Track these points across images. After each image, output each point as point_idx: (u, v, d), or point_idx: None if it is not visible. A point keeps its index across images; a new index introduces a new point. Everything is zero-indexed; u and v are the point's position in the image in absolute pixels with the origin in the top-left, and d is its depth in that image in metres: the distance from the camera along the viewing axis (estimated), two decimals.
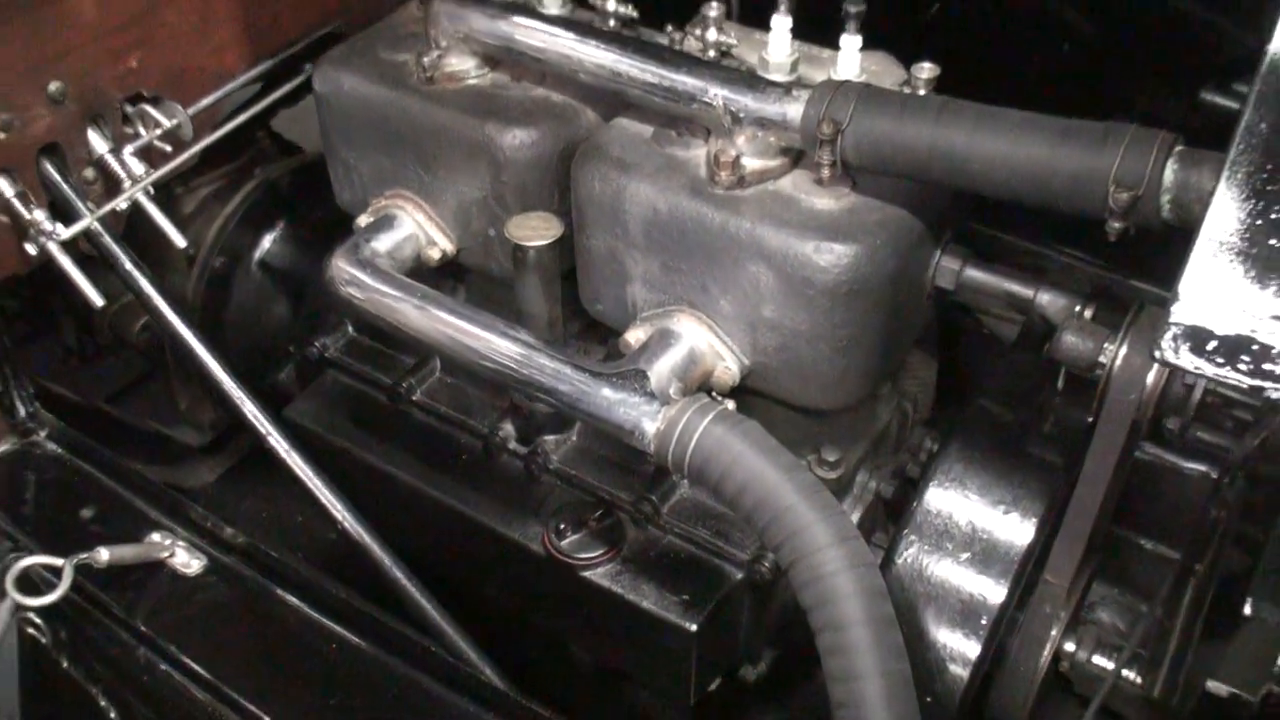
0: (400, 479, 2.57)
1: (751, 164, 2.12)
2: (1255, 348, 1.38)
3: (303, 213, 2.99)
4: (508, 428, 2.54)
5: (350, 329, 2.81)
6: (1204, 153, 1.77)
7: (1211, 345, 1.41)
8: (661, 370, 2.12)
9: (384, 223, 2.47)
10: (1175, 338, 1.42)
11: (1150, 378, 1.96)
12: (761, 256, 2.05)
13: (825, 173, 2.04)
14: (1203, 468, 2.71)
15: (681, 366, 2.14)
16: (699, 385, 2.17)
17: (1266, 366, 1.37)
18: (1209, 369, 1.40)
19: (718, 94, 2.11)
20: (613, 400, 2.07)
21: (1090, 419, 2.04)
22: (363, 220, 2.50)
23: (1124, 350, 1.99)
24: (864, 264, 2.01)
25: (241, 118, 2.69)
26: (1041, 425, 2.26)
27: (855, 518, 2.39)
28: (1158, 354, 1.43)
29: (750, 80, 2.11)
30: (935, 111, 1.95)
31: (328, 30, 2.82)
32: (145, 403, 3.35)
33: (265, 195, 2.95)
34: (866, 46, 2.17)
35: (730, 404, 2.09)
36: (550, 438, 2.50)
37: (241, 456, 3.36)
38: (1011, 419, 2.26)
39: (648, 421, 2.04)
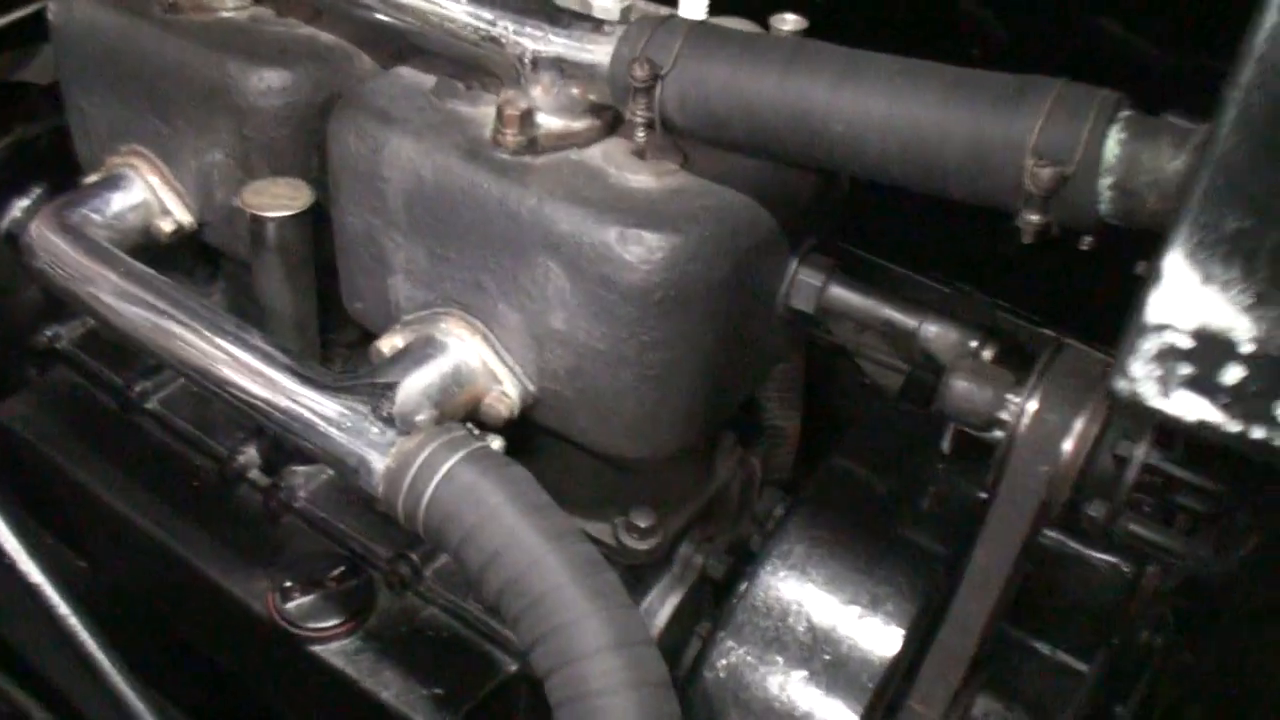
0: (113, 507, 1.84)
1: (548, 123, 1.43)
2: None
3: (67, 177, 2.26)
4: (251, 452, 1.83)
5: None
6: (1163, 120, 1.11)
7: (1233, 375, 0.72)
8: (411, 389, 1.42)
9: (110, 182, 1.77)
10: (1162, 357, 0.74)
11: (1068, 445, 1.27)
12: (550, 245, 1.36)
13: (641, 135, 1.35)
14: (1112, 559, 2.03)
15: (440, 386, 1.45)
16: (464, 414, 1.47)
17: None
18: (1235, 423, 0.71)
19: (507, 26, 1.42)
20: (331, 420, 1.37)
21: (984, 495, 1.34)
22: (89, 178, 1.79)
23: (1034, 404, 1.31)
24: (685, 262, 1.33)
25: None
26: (919, 499, 1.56)
27: (672, 604, 1.68)
28: (1122, 384, 0.74)
29: (552, 14, 1.43)
30: (787, 55, 1.27)
31: None
32: None
33: (15, 154, 2.23)
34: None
35: (497, 442, 1.39)
36: (301, 469, 1.80)
37: None
38: (879, 488, 1.56)
39: (376, 455, 1.35)
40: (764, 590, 1.44)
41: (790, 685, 1.41)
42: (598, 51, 1.37)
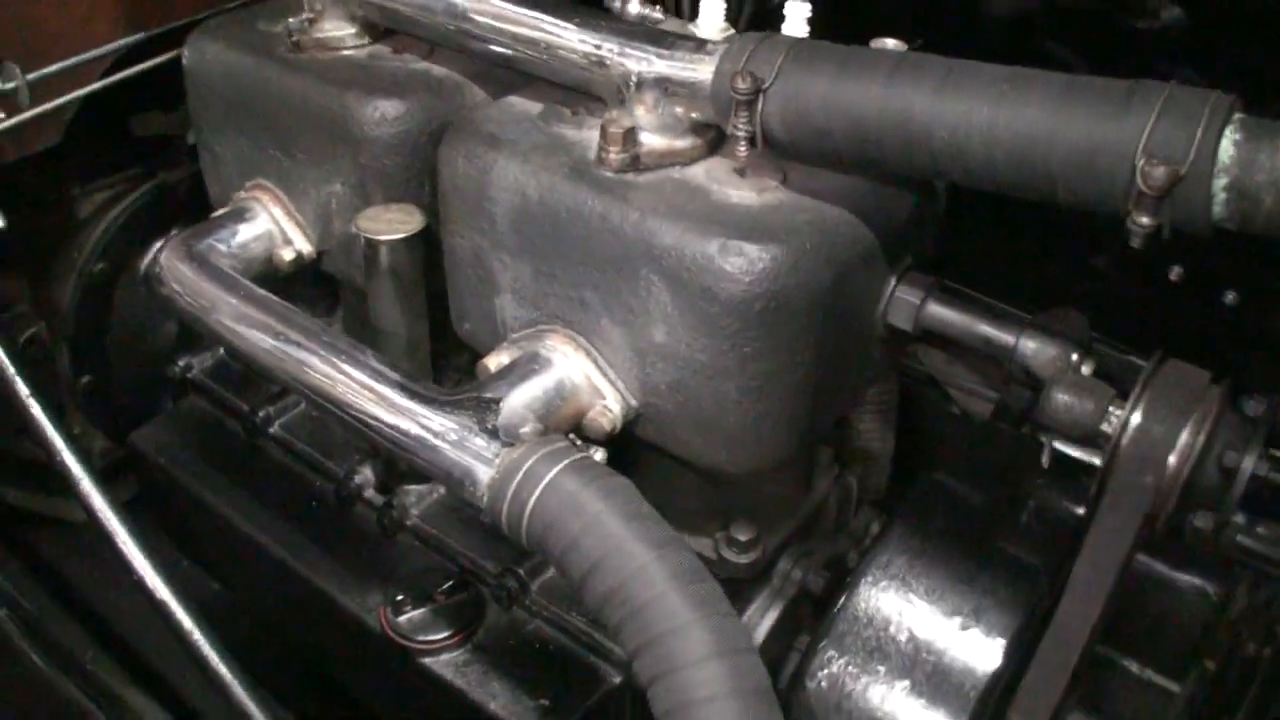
0: (239, 527, 1.80)
1: (652, 141, 1.38)
2: None
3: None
4: (366, 473, 1.78)
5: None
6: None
7: None
8: (516, 403, 1.37)
9: (236, 215, 1.76)
10: None
11: (1174, 456, 1.18)
12: (652, 258, 1.31)
13: (743, 151, 1.30)
14: (1198, 582, 1.91)
15: (544, 401, 1.39)
16: (568, 428, 1.41)
17: None
18: None
19: (612, 48, 1.37)
20: (438, 432, 1.32)
21: (1085, 509, 1.25)
22: (218, 212, 1.77)
23: (1138, 417, 1.22)
24: (786, 273, 1.26)
25: (86, 89, 1.93)
26: (1018, 514, 1.47)
27: (771, 619, 1.59)
28: None
29: (655, 35, 1.39)
30: (890, 66, 1.22)
31: (224, 9, 2.08)
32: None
33: (157, 198, 2.23)
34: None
35: (599, 454, 1.33)
36: (414, 488, 1.75)
37: (134, 493, 2.60)
38: (978, 502, 1.47)
39: (482, 466, 1.29)
40: (865, 600, 1.36)
41: (892, 695, 1.32)
42: (701, 70, 1.32)
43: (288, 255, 1.71)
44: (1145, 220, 1.06)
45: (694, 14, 1.56)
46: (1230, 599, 1.87)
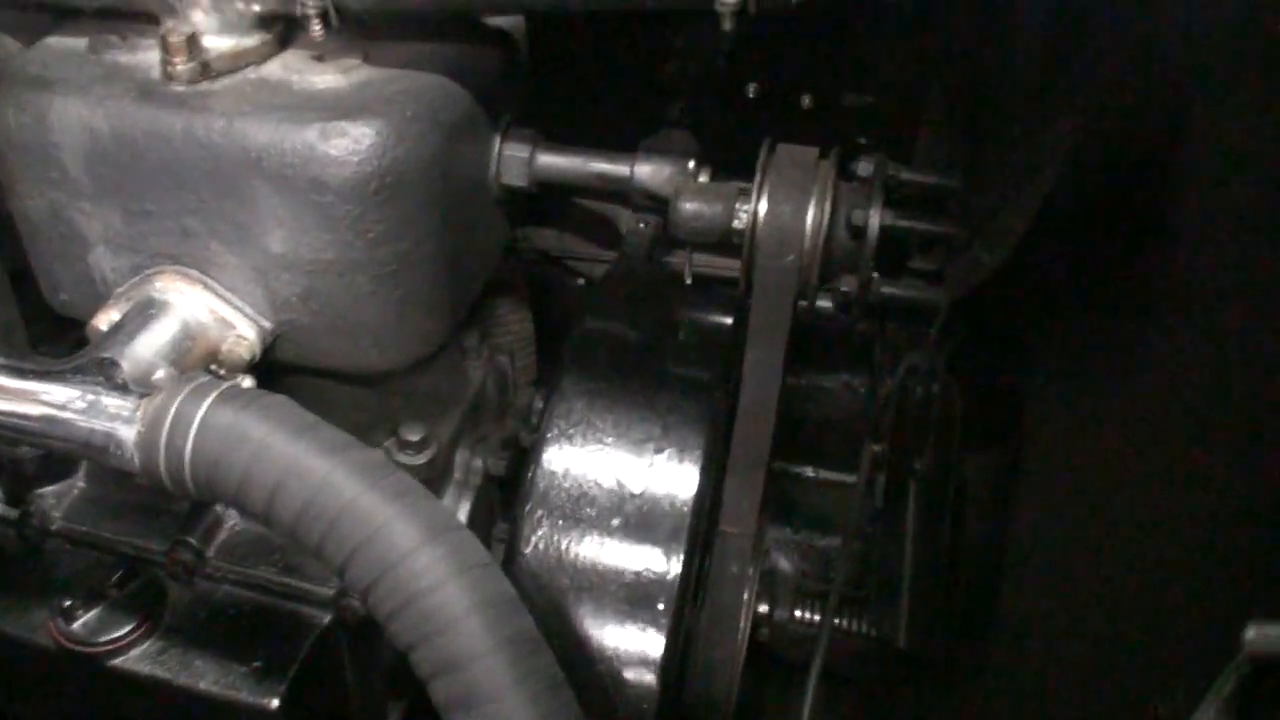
0: None
1: (218, 44, 1.29)
2: None
3: None
4: None
5: None
6: None
7: None
8: (140, 354, 1.25)
9: None
10: None
11: (807, 227, 1.22)
12: (249, 163, 1.22)
13: (317, 31, 1.23)
14: (844, 378, 2.02)
15: (172, 344, 1.29)
16: (204, 367, 1.30)
17: None
18: None
19: None
20: (66, 405, 1.18)
21: (737, 308, 1.28)
22: None
23: (764, 204, 1.25)
24: (393, 146, 1.21)
25: None
26: (674, 336, 1.48)
27: (465, 511, 1.56)
28: None
29: None
30: None
31: None
32: None
33: None
34: None
35: (247, 381, 1.24)
36: (48, 489, 1.58)
37: None
38: (634, 336, 1.47)
39: (122, 425, 1.17)
40: (557, 452, 1.34)
41: (609, 537, 1.31)
42: None
43: None
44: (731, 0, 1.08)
45: None
46: (875, 385, 1.99)
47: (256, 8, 1.27)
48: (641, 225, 1.66)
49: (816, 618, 1.55)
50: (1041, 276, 1.30)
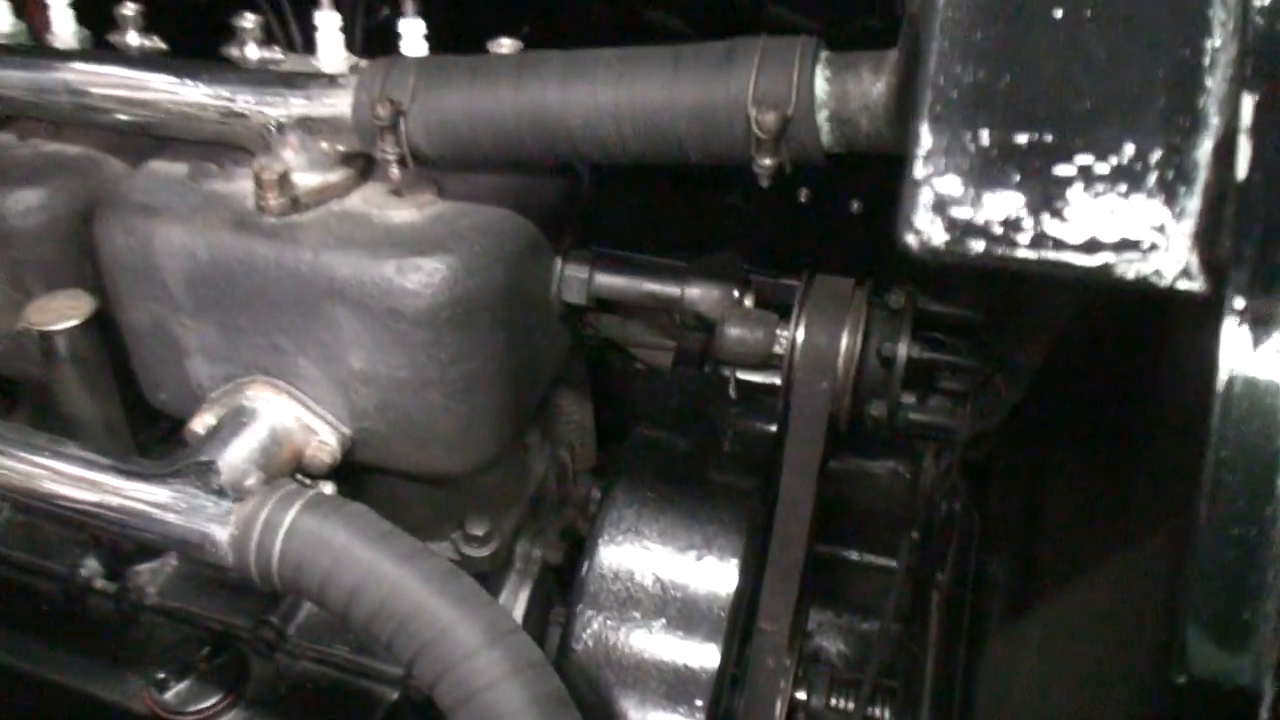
0: None
1: (306, 180, 1.41)
2: (1074, 201, 0.72)
3: None
4: (92, 564, 1.75)
5: None
6: (855, 55, 1.15)
7: (997, 209, 0.74)
8: (234, 459, 1.38)
9: None
10: (938, 206, 0.75)
11: (840, 360, 1.32)
12: (333, 291, 1.35)
13: (395, 173, 1.35)
14: (891, 465, 2.11)
15: (261, 450, 1.41)
16: (290, 471, 1.43)
17: (1100, 228, 0.72)
18: (1004, 249, 0.73)
19: (247, 99, 1.40)
20: (167, 506, 1.33)
21: (777, 425, 1.38)
22: None
23: (802, 333, 1.35)
24: (463, 279, 1.33)
25: None
26: (720, 445, 1.59)
27: (524, 599, 1.68)
28: (911, 238, 0.76)
29: (287, 78, 1.42)
30: (514, 67, 1.29)
31: None
32: None
33: None
34: None
35: (328, 487, 1.37)
36: (144, 567, 1.74)
37: None
38: (684, 445, 1.59)
39: (217, 527, 1.31)
40: (607, 558, 1.45)
41: (652, 635, 1.42)
42: (338, 103, 1.36)
43: None
44: (768, 161, 1.18)
45: (308, 46, 1.59)
46: (919, 472, 2.07)
47: (341, 148, 1.40)
48: (691, 338, 1.77)
49: (852, 705, 1.65)
50: (1054, 409, 1.38)
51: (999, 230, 0.75)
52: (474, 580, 1.26)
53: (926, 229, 0.78)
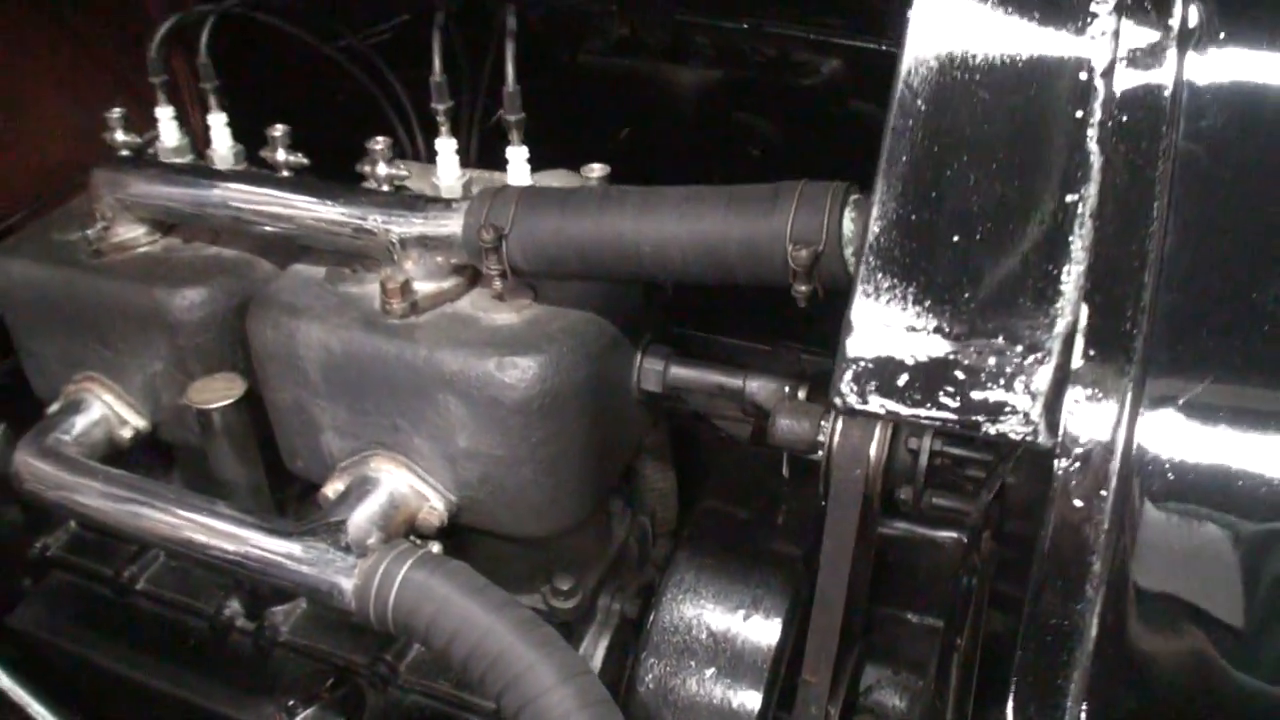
0: (127, 676, 2.03)
1: (424, 288, 1.68)
2: (959, 375, 0.95)
3: (29, 410, 2.43)
4: (234, 605, 2.03)
5: (74, 523, 2.25)
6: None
7: (903, 380, 0.97)
8: (359, 520, 1.65)
9: (72, 407, 1.96)
10: (857, 378, 0.98)
11: (873, 449, 1.53)
12: (444, 383, 1.60)
13: (498, 284, 1.61)
14: (955, 534, 2.30)
15: (381, 513, 1.67)
16: (405, 531, 1.69)
17: (976, 396, 0.94)
18: (905, 409, 0.96)
19: (376, 219, 1.67)
20: (303, 559, 1.59)
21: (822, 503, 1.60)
22: (52, 408, 1.99)
23: (840, 424, 1.57)
24: (551, 375, 1.58)
25: None
26: (774, 518, 1.82)
27: (603, 646, 1.91)
28: (837, 400, 0.99)
29: (409, 201, 1.69)
30: (597, 202, 1.54)
31: (6, 224, 2.29)
32: None
33: None
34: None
35: (436, 546, 1.62)
36: (279, 609, 2.00)
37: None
38: (743, 515, 1.82)
39: (344, 578, 1.57)
40: (669, 614, 1.68)
41: (705, 681, 1.65)
42: (451, 225, 1.62)
43: (126, 434, 1.94)
44: (803, 288, 1.41)
45: (430, 152, 1.85)
46: (971, 550, 2.26)
47: (453, 260, 1.67)
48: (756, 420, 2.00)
49: None
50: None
51: (903, 397, 0.98)
52: (553, 629, 1.50)
53: (848, 394, 1.00)
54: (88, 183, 1.94)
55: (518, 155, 1.75)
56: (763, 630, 1.66)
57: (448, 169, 1.77)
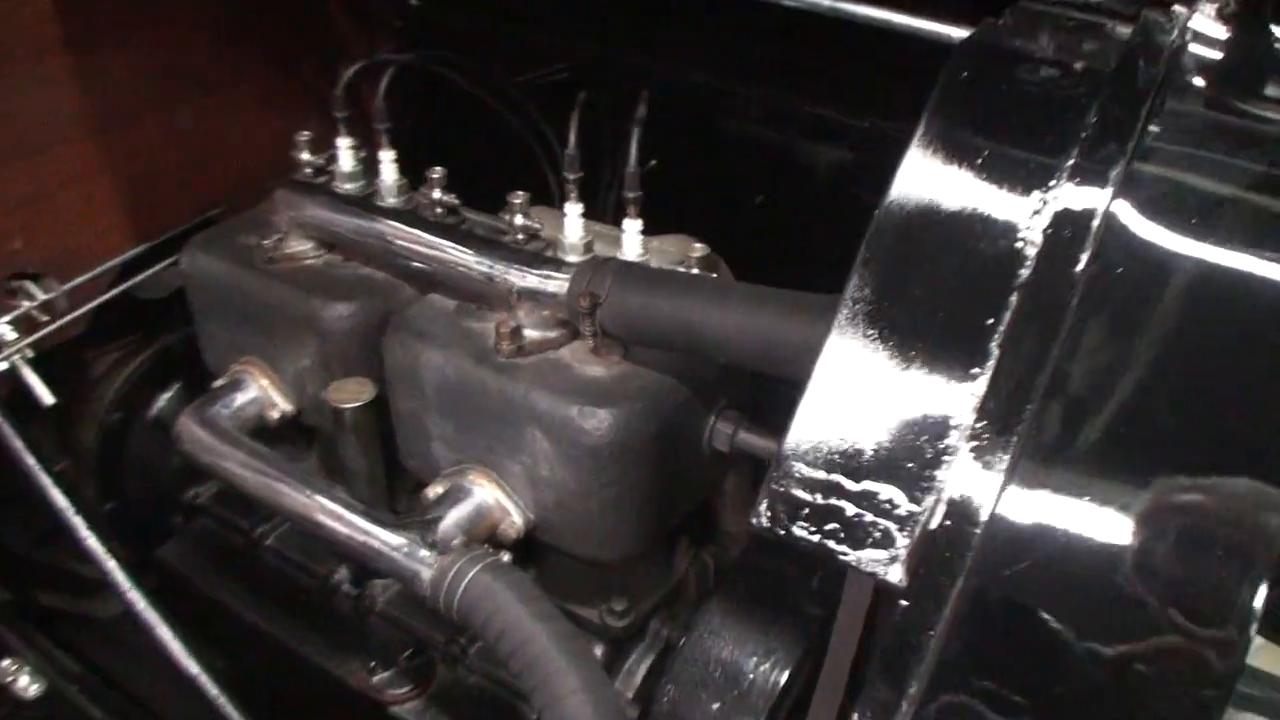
0: (244, 617, 2.38)
1: (532, 334, 1.95)
2: (849, 515, 1.18)
3: (197, 374, 2.80)
4: (343, 572, 2.34)
5: None
6: None
7: (805, 512, 1.20)
8: (449, 523, 1.93)
9: (234, 385, 2.29)
10: (770, 504, 1.21)
11: None
12: (534, 419, 1.87)
13: (593, 343, 1.88)
14: None
15: (468, 520, 1.95)
16: (485, 538, 1.97)
17: (829, 537, 1.18)
18: (799, 535, 1.19)
19: (500, 270, 1.95)
20: (395, 547, 1.88)
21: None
22: (217, 383, 2.33)
23: None
24: (623, 427, 1.83)
25: (114, 291, 2.53)
26: (810, 579, 2.04)
27: (645, 666, 2.17)
28: (754, 519, 1.23)
29: (529, 258, 1.96)
30: (681, 287, 1.79)
31: (207, 217, 2.67)
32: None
33: (160, 358, 2.78)
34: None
35: (506, 556, 1.90)
36: (379, 582, 2.30)
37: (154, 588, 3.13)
38: (780, 569, 2.04)
39: (425, 569, 1.85)
40: (694, 648, 1.92)
41: (711, 713, 1.89)
42: (559, 284, 1.89)
43: (275, 414, 2.27)
44: None
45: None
46: None
47: (560, 315, 1.94)
48: None
49: None
50: None
51: (803, 526, 1.19)
52: (589, 645, 1.76)
53: (764, 517, 1.22)
54: (271, 197, 2.28)
55: (632, 228, 2.01)
56: (769, 679, 1.88)
57: (573, 230, 2.04)
